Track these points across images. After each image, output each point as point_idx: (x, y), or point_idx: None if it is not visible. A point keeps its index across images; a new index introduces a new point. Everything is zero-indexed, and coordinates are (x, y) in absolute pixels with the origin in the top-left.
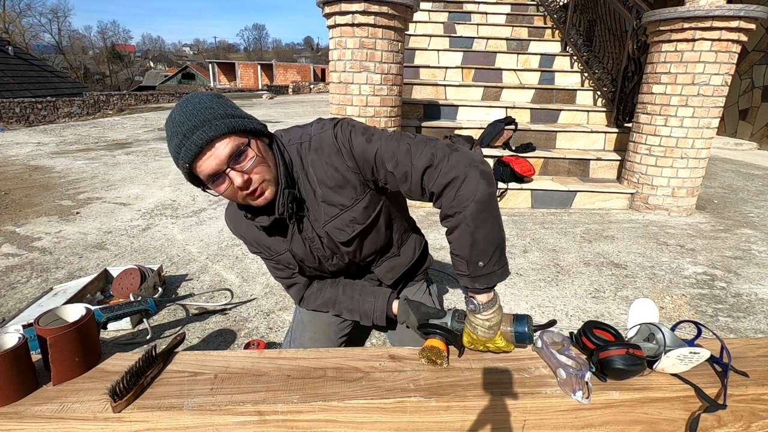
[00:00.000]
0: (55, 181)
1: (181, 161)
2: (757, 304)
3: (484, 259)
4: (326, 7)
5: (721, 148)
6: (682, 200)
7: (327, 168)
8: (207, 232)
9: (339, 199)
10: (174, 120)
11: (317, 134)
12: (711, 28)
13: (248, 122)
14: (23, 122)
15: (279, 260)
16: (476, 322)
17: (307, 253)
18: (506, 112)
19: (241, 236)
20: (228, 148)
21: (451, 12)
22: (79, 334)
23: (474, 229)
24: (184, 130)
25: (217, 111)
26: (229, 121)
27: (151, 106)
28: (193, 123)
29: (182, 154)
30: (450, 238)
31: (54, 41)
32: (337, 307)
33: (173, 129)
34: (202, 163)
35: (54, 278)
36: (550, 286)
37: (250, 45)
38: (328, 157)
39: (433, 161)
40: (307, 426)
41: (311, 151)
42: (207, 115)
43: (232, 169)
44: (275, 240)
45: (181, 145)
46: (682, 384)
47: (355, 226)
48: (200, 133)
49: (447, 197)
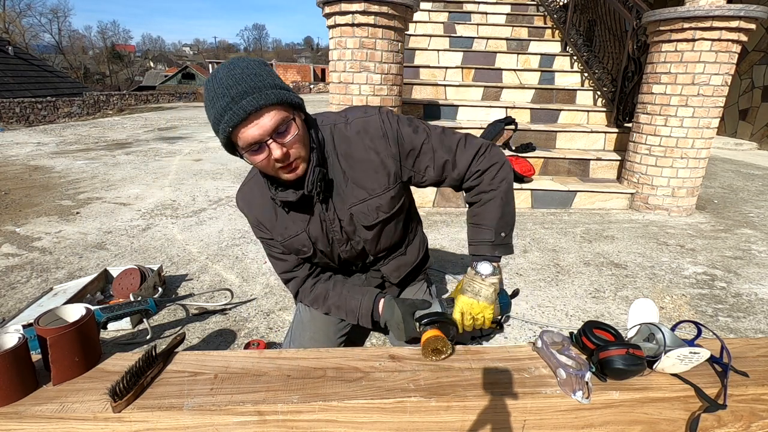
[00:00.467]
0: (55, 181)
1: (224, 125)
2: (757, 304)
3: (507, 230)
4: (326, 7)
5: (721, 148)
6: (682, 200)
7: (367, 150)
8: (207, 232)
9: (370, 184)
10: (220, 81)
11: (360, 117)
12: (711, 28)
13: (294, 96)
14: (23, 122)
15: (291, 243)
16: (482, 286)
17: (323, 236)
18: (506, 112)
19: (254, 217)
20: (274, 119)
21: (451, 12)
22: (79, 334)
23: (504, 204)
24: (232, 94)
25: (266, 80)
26: (278, 92)
27: (151, 106)
28: (243, 88)
29: (227, 117)
30: (479, 210)
31: (54, 41)
32: (326, 303)
33: (218, 90)
34: (246, 131)
35: (54, 278)
36: (550, 286)
37: (250, 45)
38: (372, 140)
39: (481, 149)
40: (307, 426)
41: (353, 133)
42: (257, 83)
43: (274, 141)
44: (293, 219)
45: (227, 109)
46: (682, 384)
47: (380, 213)
48: (250, 99)
49: (488, 175)
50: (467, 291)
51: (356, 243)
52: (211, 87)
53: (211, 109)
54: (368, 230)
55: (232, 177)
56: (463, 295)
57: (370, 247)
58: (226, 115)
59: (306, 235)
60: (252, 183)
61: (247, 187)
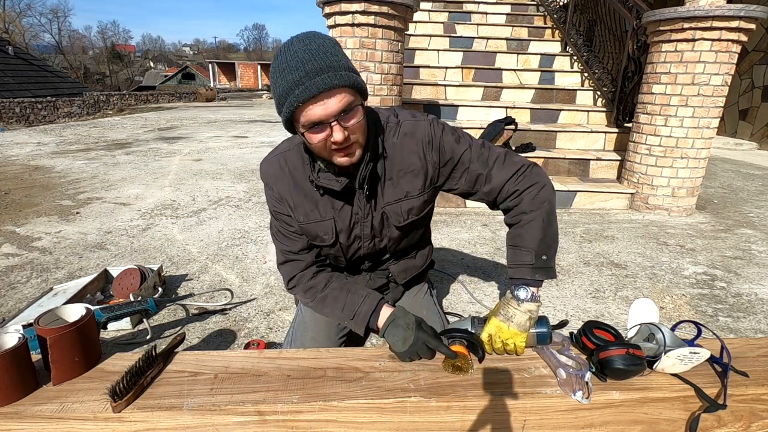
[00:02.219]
0: (55, 181)
1: (293, 98)
2: (757, 304)
3: (549, 253)
4: (326, 7)
5: (721, 148)
6: (682, 200)
7: (411, 154)
8: (207, 232)
9: (408, 186)
10: (295, 54)
11: (410, 120)
12: (711, 28)
13: (364, 83)
14: (23, 122)
15: (312, 228)
16: (518, 312)
17: (347, 229)
18: (506, 112)
19: (278, 192)
20: (343, 101)
21: (451, 12)
22: (79, 334)
23: (546, 225)
24: (307, 69)
25: (341, 60)
26: (352, 75)
27: (151, 106)
28: (319, 65)
29: (298, 91)
30: (519, 231)
31: (54, 41)
32: (323, 292)
33: (292, 63)
34: (313, 108)
35: (54, 278)
36: (550, 286)
37: (250, 45)
38: (417, 145)
39: (522, 169)
40: (307, 426)
41: (400, 134)
42: (333, 62)
43: (338, 123)
44: (324, 204)
45: (299, 83)
46: (682, 384)
47: (411, 215)
48: (325, 77)
49: (528, 195)
50: (500, 314)
51: (379, 241)
52: (284, 58)
53: (281, 80)
54: (398, 230)
55: (232, 177)
56: (495, 317)
57: (391, 246)
58: (297, 89)
59: (332, 223)
60: (285, 156)
61: (278, 159)
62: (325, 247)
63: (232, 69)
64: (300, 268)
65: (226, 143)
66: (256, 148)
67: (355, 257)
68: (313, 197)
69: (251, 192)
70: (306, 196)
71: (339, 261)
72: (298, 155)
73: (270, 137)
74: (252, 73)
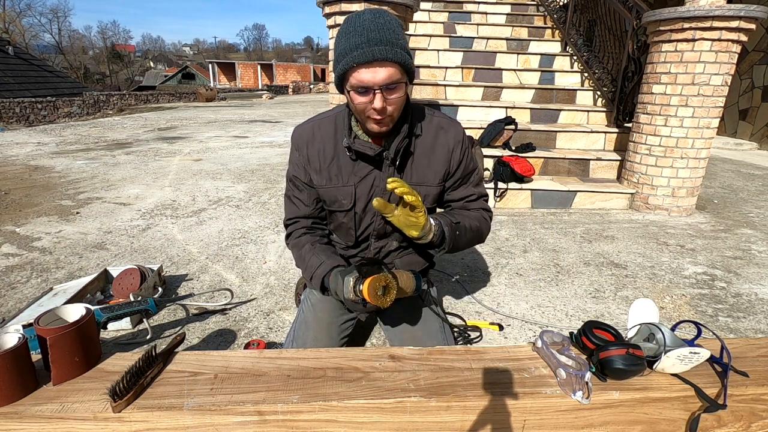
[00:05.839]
0: (55, 181)
1: (349, 59)
2: (757, 304)
3: (457, 241)
4: (326, 7)
5: (721, 148)
6: (682, 200)
7: (442, 146)
8: (207, 232)
9: (429, 174)
10: (364, 21)
11: (449, 121)
12: (711, 28)
13: (413, 66)
14: (23, 122)
15: (334, 192)
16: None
17: (366, 197)
18: (506, 112)
19: (306, 155)
20: (390, 74)
21: (451, 12)
22: (79, 334)
23: (473, 231)
24: (370, 36)
25: (400, 40)
26: (405, 54)
27: (151, 106)
28: (381, 36)
29: (357, 53)
30: (460, 212)
31: (54, 41)
32: (300, 251)
33: (359, 28)
34: (365, 72)
35: (54, 278)
36: (550, 286)
37: (250, 45)
38: (448, 140)
39: (486, 201)
40: (307, 426)
41: (436, 126)
42: (393, 38)
43: (381, 92)
44: (348, 172)
45: (359, 46)
46: (682, 384)
47: (426, 202)
48: (383, 48)
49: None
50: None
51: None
52: (353, 23)
53: (344, 41)
54: None
55: (232, 177)
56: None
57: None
58: (355, 51)
59: (353, 189)
60: (319, 124)
61: (312, 126)
62: (341, 212)
63: (232, 69)
64: (299, 225)
65: (226, 143)
66: (256, 148)
67: (363, 236)
68: (339, 163)
69: (251, 192)
70: (333, 161)
71: (349, 235)
72: (332, 124)
73: (270, 137)
74: (252, 73)
